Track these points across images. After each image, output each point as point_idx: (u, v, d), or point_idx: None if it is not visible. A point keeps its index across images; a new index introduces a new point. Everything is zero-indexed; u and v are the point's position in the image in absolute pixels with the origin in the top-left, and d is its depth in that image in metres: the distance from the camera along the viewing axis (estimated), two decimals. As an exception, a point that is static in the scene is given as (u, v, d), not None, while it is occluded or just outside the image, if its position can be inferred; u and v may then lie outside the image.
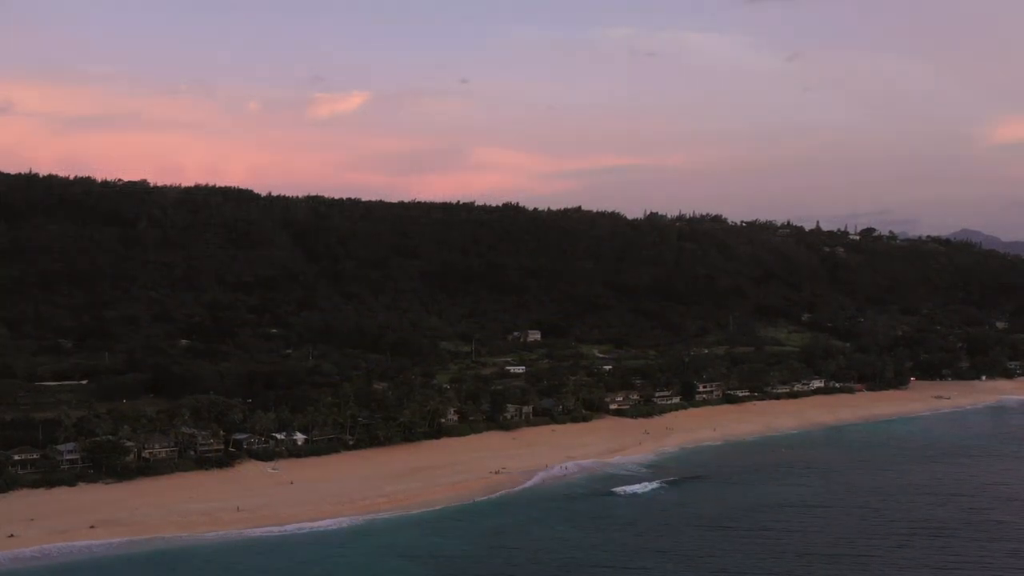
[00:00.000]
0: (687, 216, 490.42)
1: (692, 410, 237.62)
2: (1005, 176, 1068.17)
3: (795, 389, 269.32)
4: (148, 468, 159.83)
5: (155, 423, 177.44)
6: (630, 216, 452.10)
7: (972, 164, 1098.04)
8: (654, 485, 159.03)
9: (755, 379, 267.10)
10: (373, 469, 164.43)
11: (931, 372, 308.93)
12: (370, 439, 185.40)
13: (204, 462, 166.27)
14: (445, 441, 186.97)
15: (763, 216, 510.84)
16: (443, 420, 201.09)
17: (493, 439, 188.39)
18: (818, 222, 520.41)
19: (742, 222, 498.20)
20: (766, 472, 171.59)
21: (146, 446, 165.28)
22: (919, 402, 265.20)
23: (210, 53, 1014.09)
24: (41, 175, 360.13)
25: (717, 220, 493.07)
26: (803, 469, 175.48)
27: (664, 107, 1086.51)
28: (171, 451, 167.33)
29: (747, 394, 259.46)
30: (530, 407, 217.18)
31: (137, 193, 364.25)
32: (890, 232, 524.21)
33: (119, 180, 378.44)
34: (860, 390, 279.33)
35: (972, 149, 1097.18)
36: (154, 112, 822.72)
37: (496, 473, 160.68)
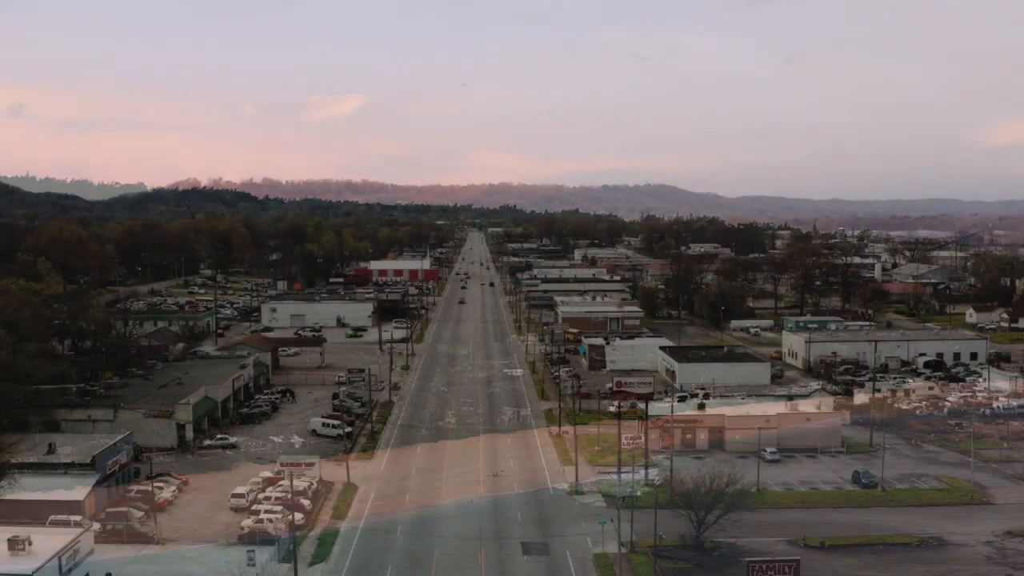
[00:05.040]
0: (684, 218, 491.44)
1: (691, 411, 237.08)
2: (1003, 177, 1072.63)
3: (792, 391, 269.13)
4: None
5: (152, 425, 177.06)
6: (628, 219, 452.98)
7: (970, 165, 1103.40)
8: (651, 484, 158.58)
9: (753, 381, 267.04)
10: (370, 471, 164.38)
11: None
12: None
13: (201, 465, 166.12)
14: (442, 443, 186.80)
15: (761, 218, 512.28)
16: (440, 423, 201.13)
17: (491, 441, 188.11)
18: (815, 224, 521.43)
19: (740, 224, 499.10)
20: (763, 471, 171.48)
21: (144, 448, 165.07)
22: (916, 403, 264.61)
23: (209, 56, 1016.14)
24: (38, 178, 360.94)
25: (714, 222, 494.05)
26: (799, 464, 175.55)
27: (662, 109, 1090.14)
28: (168, 454, 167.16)
29: (745, 396, 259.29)
30: (528, 409, 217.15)
31: (135, 195, 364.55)
32: (888, 234, 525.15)
33: (116, 183, 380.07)
34: (857, 392, 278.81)
35: (970, 150, 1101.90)
36: (152, 115, 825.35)
37: (494, 476, 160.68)
